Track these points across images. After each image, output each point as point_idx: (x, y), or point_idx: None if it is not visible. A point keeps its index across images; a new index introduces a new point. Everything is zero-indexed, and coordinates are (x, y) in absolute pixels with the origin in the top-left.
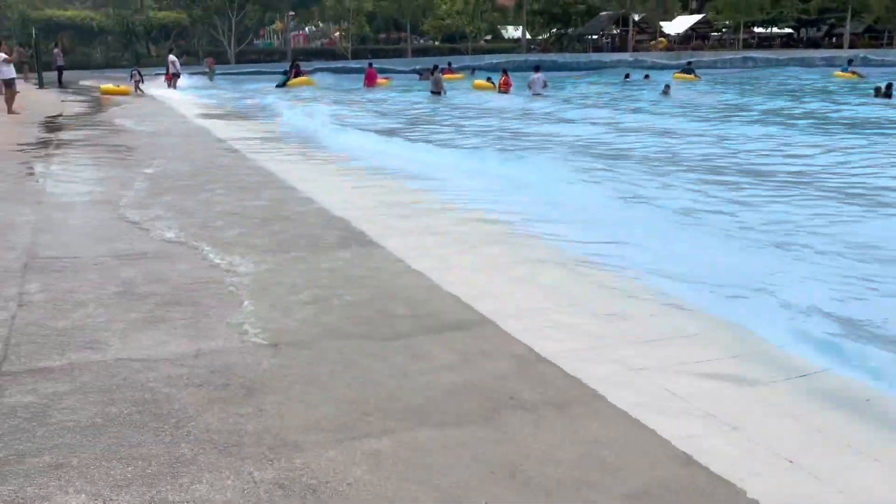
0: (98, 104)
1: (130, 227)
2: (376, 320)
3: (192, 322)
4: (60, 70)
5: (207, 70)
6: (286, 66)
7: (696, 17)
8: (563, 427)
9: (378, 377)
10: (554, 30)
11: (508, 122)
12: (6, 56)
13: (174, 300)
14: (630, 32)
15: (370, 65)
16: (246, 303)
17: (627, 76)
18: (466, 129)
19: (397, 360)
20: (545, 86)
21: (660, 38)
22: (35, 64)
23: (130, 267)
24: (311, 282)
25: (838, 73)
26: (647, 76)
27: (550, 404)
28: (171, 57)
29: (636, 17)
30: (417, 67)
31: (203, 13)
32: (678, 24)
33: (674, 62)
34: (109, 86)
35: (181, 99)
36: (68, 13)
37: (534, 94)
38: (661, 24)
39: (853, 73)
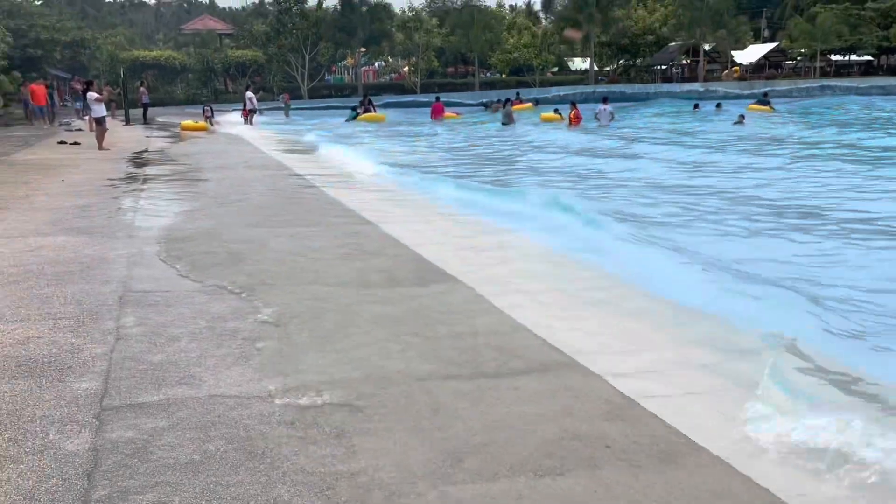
0: (180, 140)
1: (216, 261)
2: (463, 360)
3: (280, 358)
4: (145, 107)
5: (283, 106)
6: (357, 100)
7: (769, 46)
8: (663, 479)
9: (469, 420)
10: (622, 61)
11: (579, 160)
12: (97, 95)
13: (261, 335)
14: (701, 62)
15: (437, 98)
16: (331, 339)
17: (696, 106)
18: (541, 167)
19: (487, 403)
20: (612, 117)
21: (734, 67)
22: (122, 101)
23: (219, 301)
24: (394, 318)
25: None
26: (718, 105)
27: (648, 454)
28: (249, 93)
29: (706, 47)
30: (484, 101)
31: (278, 51)
32: (750, 53)
33: (746, 91)
34: (189, 122)
35: (258, 134)
36: (153, 53)
37: (601, 125)
38: (733, 53)
39: None
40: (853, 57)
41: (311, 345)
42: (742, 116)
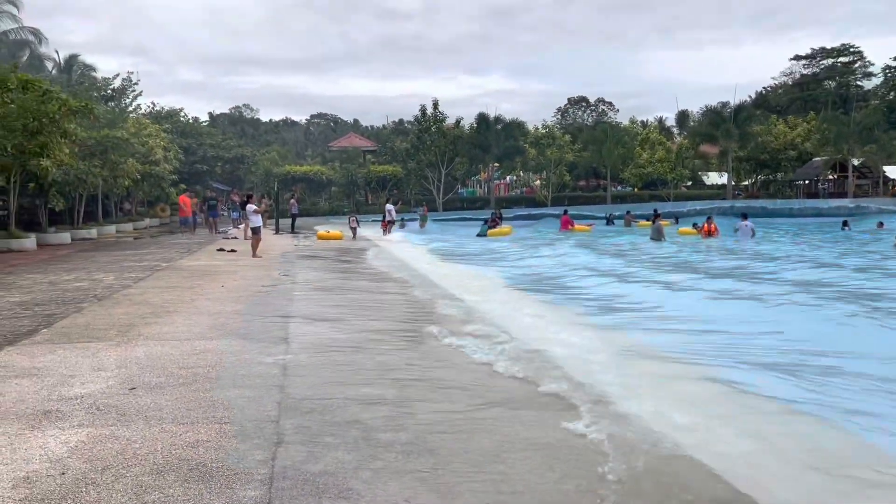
0: (326, 249)
1: (369, 370)
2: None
3: (434, 475)
4: (294, 217)
5: (419, 217)
6: (488, 213)
7: None
8: None
9: None
10: (760, 176)
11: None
12: (255, 207)
13: (414, 450)
14: (850, 177)
15: (565, 211)
16: (485, 463)
17: (846, 224)
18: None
19: None
20: (753, 234)
21: None
22: (273, 212)
23: (373, 411)
24: (545, 445)
25: None
26: (881, 224)
27: None
28: (389, 206)
29: (855, 162)
30: (607, 214)
31: (417, 166)
32: None
33: None
34: (323, 231)
35: (397, 245)
36: (303, 168)
37: (739, 241)
38: (884, 168)
39: None
40: None
41: (462, 464)
42: None
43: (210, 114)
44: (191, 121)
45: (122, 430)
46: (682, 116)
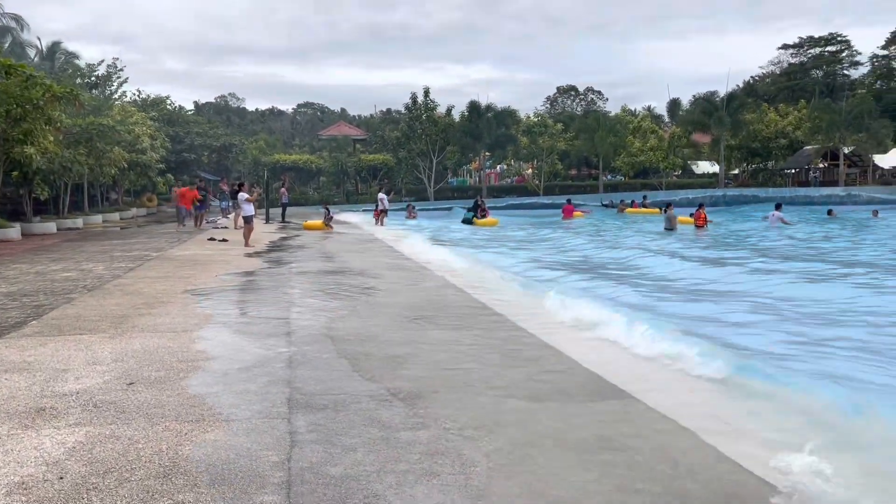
0: (315, 239)
1: (375, 365)
2: (666, 498)
3: (463, 479)
4: (284, 207)
5: (407, 210)
6: (471, 202)
7: None
8: None
9: None
10: (751, 165)
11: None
12: (248, 196)
13: (436, 450)
14: (841, 166)
15: (568, 200)
16: (513, 461)
17: (830, 212)
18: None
19: None
20: (782, 222)
21: None
22: (264, 201)
23: (387, 409)
24: (574, 440)
25: None
26: (875, 212)
27: None
28: (381, 195)
29: (846, 150)
30: (605, 201)
31: (407, 155)
32: (894, 157)
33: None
34: (309, 222)
35: (390, 234)
36: (292, 157)
37: (771, 227)
38: (874, 157)
39: None
40: None
41: (495, 468)
42: (875, 211)
43: (195, 103)
44: (177, 109)
45: (123, 429)
46: (673, 105)
